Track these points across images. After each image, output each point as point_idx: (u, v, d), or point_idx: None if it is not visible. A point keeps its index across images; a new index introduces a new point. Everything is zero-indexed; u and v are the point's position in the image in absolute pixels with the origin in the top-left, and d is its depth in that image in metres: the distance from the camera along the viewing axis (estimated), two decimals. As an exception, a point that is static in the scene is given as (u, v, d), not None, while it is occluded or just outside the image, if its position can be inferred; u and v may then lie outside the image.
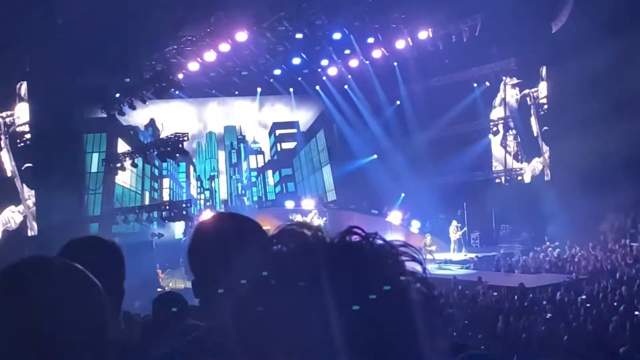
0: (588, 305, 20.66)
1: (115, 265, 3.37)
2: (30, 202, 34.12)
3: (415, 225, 39.33)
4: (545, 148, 40.78)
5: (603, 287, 23.45)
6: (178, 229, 39.93)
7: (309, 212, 39.21)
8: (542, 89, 40.78)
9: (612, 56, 32.54)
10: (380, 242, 1.31)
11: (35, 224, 33.83)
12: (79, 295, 1.85)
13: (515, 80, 41.42)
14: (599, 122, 32.49)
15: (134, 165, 36.67)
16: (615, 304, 20.44)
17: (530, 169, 41.60)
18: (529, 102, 41.42)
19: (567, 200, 33.66)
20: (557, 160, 39.13)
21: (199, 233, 2.75)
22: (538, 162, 41.12)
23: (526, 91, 41.46)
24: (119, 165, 36.23)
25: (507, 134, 41.68)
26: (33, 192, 33.93)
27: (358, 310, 1.20)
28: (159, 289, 28.75)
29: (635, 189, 36.46)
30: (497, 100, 42.61)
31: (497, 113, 42.52)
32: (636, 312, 19.02)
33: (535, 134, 41.19)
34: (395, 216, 40.11)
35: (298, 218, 36.09)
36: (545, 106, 40.64)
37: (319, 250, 1.28)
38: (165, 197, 42.75)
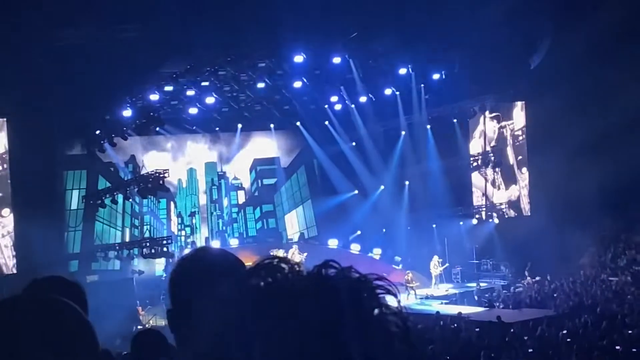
0: (569, 340, 20.67)
1: (79, 304, 3.36)
2: (8, 239, 33.89)
3: (397, 260, 39.30)
4: (521, 176, 41.07)
5: (584, 322, 23.48)
6: (159, 265, 39.69)
7: (290, 247, 39.12)
8: (520, 124, 41.08)
9: (590, 91, 32.90)
10: (355, 275, 1.32)
11: (9, 262, 33.60)
12: (77, 332, 1.87)
13: (494, 115, 41.69)
14: (578, 157, 32.72)
15: (114, 202, 36.52)
16: (596, 339, 20.47)
17: (507, 196, 41.87)
18: (507, 137, 41.69)
19: (547, 235, 33.80)
20: (536, 195, 39.32)
21: (181, 265, 2.77)
22: (516, 189, 41.43)
23: (504, 125, 41.74)
24: (99, 202, 36.08)
25: (487, 168, 41.83)
26: (8, 228, 33.71)
27: (335, 344, 1.22)
28: (139, 327, 28.53)
29: (614, 223, 36.74)
30: (477, 135, 42.82)
31: (476, 148, 42.71)
32: (617, 347, 19.06)
33: (513, 168, 41.45)
34: (376, 252, 40.12)
35: (279, 254, 35.98)
36: (522, 138, 40.97)
37: (295, 284, 1.29)
38: (146, 234, 42.52)
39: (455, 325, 25.16)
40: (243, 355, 1.23)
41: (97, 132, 36.22)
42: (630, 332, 21.47)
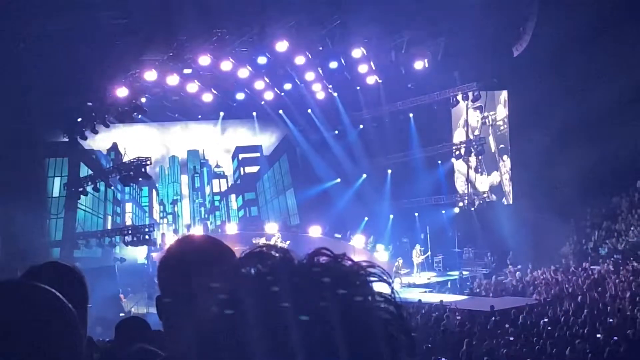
0: (550, 328, 20.76)
1: (78, 291, 3.32)
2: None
3: (380, 248, 39.33)
4: (503, 165, 41.25)
5: (565, 311, 23.59)
6: (141, 253, 39.64)
7: (272, 236, 39.11)
8: (503, 112, 41.19)
9: (572, 79, 32.98)
10: (347, 262, 1.31)
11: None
12: (52, 318, 1.84)
13: (477, 104, 41.75)
14: (560, 146, 32.85)
15: (96, 189, 36.41)
16: (577, 327, 20.56)
17: (489, 185, 42.02)
18: (490, 126, 41.81)
19: (529, 224, 33.91)
20: (518, 184, 39.44)
21: (172, 251, 2.73)
22: (498, 177, 41.62)
23: (487, 114, 41.85)
24: (81, 189, 35.95)
25: (470, 157, 41.92)
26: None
27: (327, 331, 1.20)
28: (121, 314, 28.50)
29: (596, 212, 36.91)
30: (460, 124, 42.89)
31: (459, 136, 42.77)
32: (598, 335, 19.16)
33: (496, 156, 41.59)
34: (358, 240, 40.15)
35: (262, 242, 35.91)
36: (504, 127, 41.09)
37: (287, 272, 1.28)
38: (128, 222, 42.47)
39: (437, 313, 25.23)
40: (237, 342, 1.22)
41: (79, 119, 36.06)
42: (611, 320, 21.59)
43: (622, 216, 37.19)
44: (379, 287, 1.32)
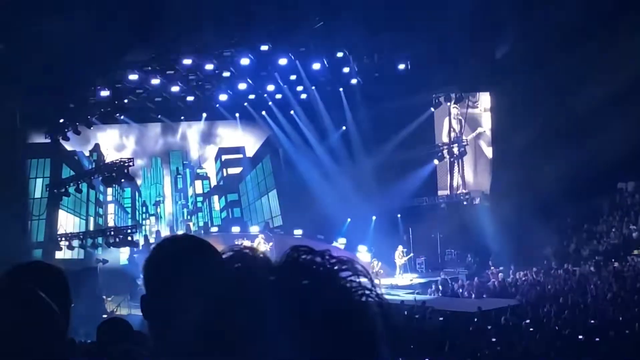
0: (532, 329, 20.85)
1: (60, 291, 3.32)
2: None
3: (362, 250, 39.33)
4: (486, 166, 41.44)
5: (547, 312, 23.68)
6: (123, 254, 39.53)
7: (255, 237, 39.08)
8: (485, 114, 41.35)
9: (554, 81, 33.11)
10: (325, 257, 1.33)
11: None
12: (35, 316, 1.85)
13: (459, 105, 41.89)
14: (542, 147, 32.99)
15: (79, 190, 36.30)
16: (557, 328, 20.65)
17: (472, 185, 42.19)
18: (472, 127, 41.94)
19: (511, 226, 34.00)
20: (500, 185, 39.54)
21: (157, 251, 2.73)
22: (480, 178, 41.85)
23: (469, 115, 41.99)
24: (63, 190, 35.83)
25: (453, 158, 42.05)
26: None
27: (309, 328, 1.22)
28: (104, 315, 28.39)
29: (578, 213, 37.05)
30: (442, 126, 42.99)
31: (442, 138, 42.88)
32: (580, 337, 19.24)
33: (478, 157, 41.74)
34: (341, 241, 40.15)
35: (245, 243, 35.83)
36: (486, 128, 41.28)
37: (267, 271, 1.29)
38: (110, 223, 42.33)
39: (419, 314, 25.28)
40: (224, 341, 1.23)
41: (61, 120, 35.95)
42: (592, 321, 21.69)
43: (604, 218, 37.37)
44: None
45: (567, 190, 34.23)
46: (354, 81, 40.27)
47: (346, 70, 39.20)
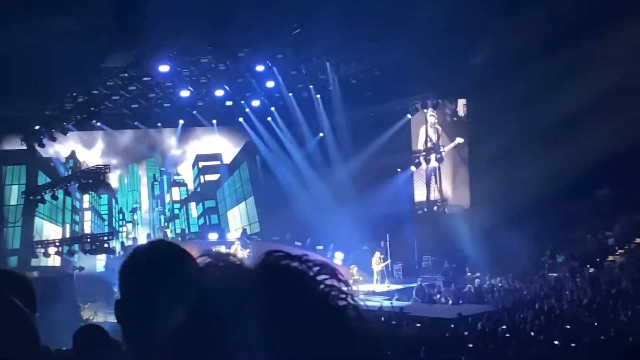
0: (508, 335, 20.92)
1: (27, 299, 3.32)
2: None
3: (339, 257, 39.32)
4: (462, 172, 41.57)
5: (523, 318, 23.78)
6: (99, 262, 39.33)
7: (233, 244, 38.98)
8: (462, 120, 41.50)
9: (530, 88, 33.26)
10: (310, 264, 1.35)
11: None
12: (12, 324, 1.87)
13: (436, 111, 42.02)
14: (518, 154, 33.14)
15: (55, 197, 36.11)
16: (533, 333, 20.74)
17: (448, 192, 42.29)
18: (449, 133, 42.08)
19: (488, 232, 34.11)
20: (476, 191, 39.70)
21: (133, 256, 2.75)
22: (457, 185, 41.94)
23: (446, 122, 42.14)
24: (39, 197, 35.64)
25: (429, 164, 42.17)
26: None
27: (295, 334, 1.24)
28: (80, 323, 28.23)
29: (554, 220, 37.21)
30: (419, 132, 43.10)
31: (418, 145, 43.00)
32: (555, 342, 19.34)
33: (455, 164, 41.88)
34: (319, 247, 40.14)
35: (221, 250, 35.68)
36: (463, 134, 41.42)
37: (243, 273, 1.32)
38: (87, 230, 42.10)
39: (396, 321, 25.31)
40: (198, 344, 1.25)
41: (37, 127, 35.77)
42: (568, 327, 21.80)
43: (579, 224, 37.57)
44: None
45: (543, 196, 34.38)
46: (331, 88, 40.32)
47: (323, 76, 39.29)
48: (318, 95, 41.16)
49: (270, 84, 39.43)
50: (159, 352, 1.32)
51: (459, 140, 41.93)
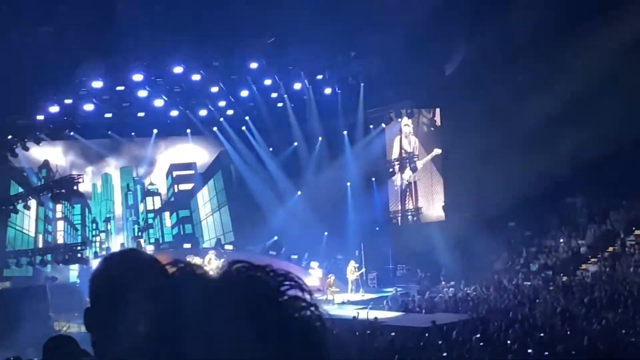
0: (482, 344, 20.96)
1: None
2: None
3: (314, 266, 39.32)
4: (437, 181, 41.72)
5: (497, 326, 23.84)
6: (73, 272, 39.08)
7: (207, 253, 38.85)
8: (436, 129, 41.67)
9: (503, 96, 33.47)
10: (274, 274, 1.35)
11: None
12: None
13: (410, 121, 42.16)
14: (492, 163, 33.29)
15: (27, 207, 35.86)
16: (508, 342, 20.79)
17: (423, 201, 42.40)
18: (423, 143, 42.22)
19: (462, 241, 34.23)
20: (451, 200, 39.85)
21: (104, 264, 2.74)
22: (431, 194, 42.08)
23: (420, 131, 42.30)
24: (11, 207, 35.36)
25: (404, 173, 42.27)
26: None
27: (260, 345, 1.24)
28: (52, 334, 28.03)
29: (527, 228, 37.42)
30: (394, 141, 43.21)
31: (393, 153, 43.12)
32: (529, 350, 19.40)
33: (429, 173, 42.03)
34: (293, 257, 40.12)
35: (196, 260, 35.61)
36: (437, 143, 41.59)
37: (209, 282, 1.31)
38: (60, 240, 41.82)
39: (371, 330, 25.30)
40: (167, 348, 1.24)
41: (9, 136, 35.52)
42: (541, 335, 21.87)
43: (552, 232, 37.80)
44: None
45: (517, 205, 34.60)
46: (305, 97, 40.39)
47: (297, 86, 39.33)
48: (292, 105, 41.18)
49: (244, 93, 39.40)
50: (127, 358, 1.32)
51: (437, 151, 42.08)
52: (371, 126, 41.86)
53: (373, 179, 42.42)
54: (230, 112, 41.37)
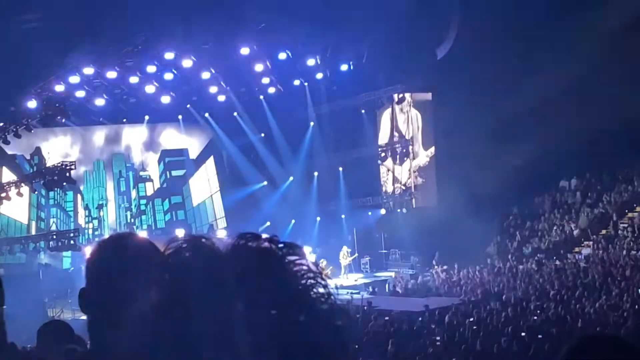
0: (475, 327, 21.00)
1: None
2: None
3: (306, 250, 39.27)
4: (429, 166, 41.76)
5: (490, 310, 23.88)
6: (65, 259, 39.10)
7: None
8: (428, 114, 41.62)
9: (496, 80, 33.42)
10: (280, 244, 1.34)
11: None
12: None
13: (402, 105, 42.11)
14: (483, 146, 33.29)
15: (20, 194, 35.80)
16: (500, 325, 20.83)
17: (415, 185, 42.42)
18: (415, 127, 42.18)
19: (454, 225, 34.22)
20: (443, 184, 39.83)
21: (100, 246, 2.72)
22: (423, 178, 42.10)
23: (412, 115, 42.24)
24: (4, 195, 35.29)
25: (395, 158, 42.24)
26: None
27: (268, 314, 1.22)
28: (46, 320, 28.01)
29: (520, 212, 37.46)
30: (385, 126, 43.17)
31: (385, 138, 43.08)
32: (522, 333, 19.44)
33: (421, 158, 42.02)
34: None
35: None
36: (429, 128, 41.56)
37: (221, 257, 1.30)
38: (53, 227, 41.83)
39: (364, 314, 25.32)
40: (170, 329, 1.23)
41: (1, 124, 35.43)
42: (534, 318, 21.93)
43: (545, 216, 37.85)
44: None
45: (510, 188, 34.63)
46: (296, 82, 40.34)
47: (289, 71, 39.25)
48: (283, 90, 41.12)
49: (236, 79, 39.34)
50: (125, 338, 1.29)
51: (431, 150, 42.11)
52: (363, 111, 41.77)
53: (366, 163, 42.37)
54: (222, 98, 41.25)
